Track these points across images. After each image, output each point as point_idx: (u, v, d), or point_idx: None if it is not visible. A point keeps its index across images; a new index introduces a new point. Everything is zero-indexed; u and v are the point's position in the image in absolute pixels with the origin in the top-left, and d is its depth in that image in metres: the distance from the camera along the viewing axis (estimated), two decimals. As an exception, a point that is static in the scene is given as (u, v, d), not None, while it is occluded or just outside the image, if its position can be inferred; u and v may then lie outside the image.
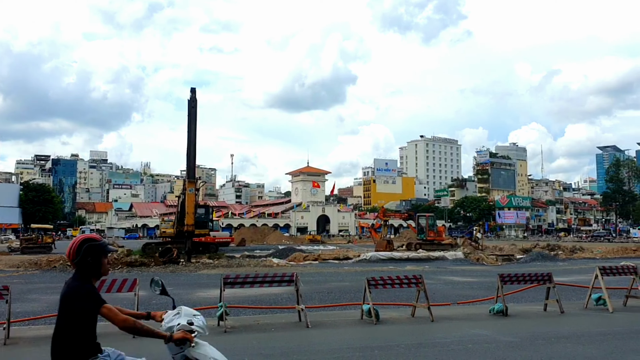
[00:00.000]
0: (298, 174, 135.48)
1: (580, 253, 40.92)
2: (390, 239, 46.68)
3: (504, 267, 29.06)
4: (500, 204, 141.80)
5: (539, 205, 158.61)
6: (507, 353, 7.89)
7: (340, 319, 11.22)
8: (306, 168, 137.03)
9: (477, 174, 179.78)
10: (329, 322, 10.86)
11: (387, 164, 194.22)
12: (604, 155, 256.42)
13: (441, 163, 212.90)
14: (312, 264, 31.22)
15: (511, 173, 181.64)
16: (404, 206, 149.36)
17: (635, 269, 13.03)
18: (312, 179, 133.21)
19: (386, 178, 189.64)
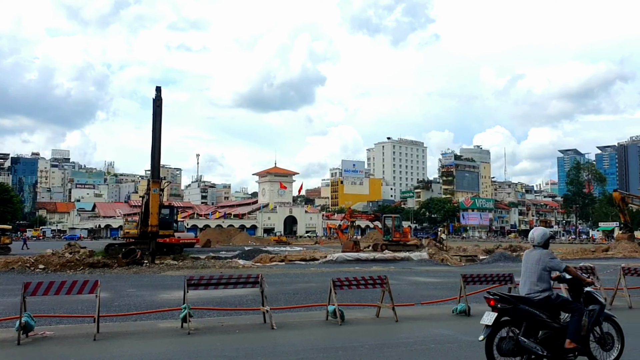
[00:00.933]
0: (265, 174, 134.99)
1: (541, 254, 41.81)
2: (356, 239, 46.95)
3: (467, 268, 29.51)
4: (465, 205, 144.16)
5: (502, 207, 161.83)
6: (469, 353, 8.00)
7: (305, 320, 11.21)
8: (273, 169, 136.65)
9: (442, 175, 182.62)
10: (294, 323, 10.84)
11: (355, 166, 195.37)
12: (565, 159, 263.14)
13: (407, 165, 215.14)
14: (278, 265, 31.12)
15: (475, 175, 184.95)
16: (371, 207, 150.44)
17: (593, 269, 13.37)
18: (280, 179, 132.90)
19: (354, 179, 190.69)
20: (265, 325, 10.35)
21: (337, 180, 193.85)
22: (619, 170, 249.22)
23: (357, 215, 55.14)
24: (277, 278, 22.48)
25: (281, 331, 9.85)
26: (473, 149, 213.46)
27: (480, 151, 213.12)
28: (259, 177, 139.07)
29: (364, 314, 11.99)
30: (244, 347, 8.54)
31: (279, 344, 8.77)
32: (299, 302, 14.49)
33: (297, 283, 20.25)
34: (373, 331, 10.07)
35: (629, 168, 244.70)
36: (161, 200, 32.92)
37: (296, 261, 33.17)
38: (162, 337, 9.58)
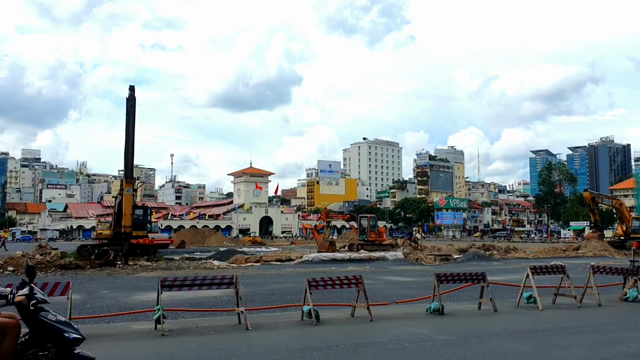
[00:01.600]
0: (240, 174, 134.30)
1: (514, 253, 42.43)
2: (332, 240, 47.03)
3: (441, 267, 29.80)
4: (439, 205, 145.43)
5: (476, 206, 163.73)
6: (442, 351, 8.10)
7: (280, 321, 11.21)
8: (249, 169, 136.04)
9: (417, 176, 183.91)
10: (269, 324, 10.83)
11: (331, 166, 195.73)
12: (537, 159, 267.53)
13: (383, 165, 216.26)
14: (254, 266, 30.99)
15: (449, 175, 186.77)
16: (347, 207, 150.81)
17: (564, 268, 13.64)
18: (255, 180, 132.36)
19: (330, 179, 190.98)
20: (240, 326, 10.31)
21: (313, 180, 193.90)
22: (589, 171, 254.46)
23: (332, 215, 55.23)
24: (253, 279, 22.40)
25: (256, 332, 9.83)
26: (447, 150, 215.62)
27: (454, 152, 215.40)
28: (234, 177, 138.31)
29: (339, 313, 12.03)
30: (218, 349, 8.50)
31: (254, 345, 8.76)
32: (275, 302, 14.47)
33: (273, 284, 20.21)
34: (348, 331, 10.12)
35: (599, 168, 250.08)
36: (134, 201, 32.54)
37: (272, 262, 33.07)
38: (135, 339, 9.49)
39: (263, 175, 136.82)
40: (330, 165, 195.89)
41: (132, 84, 32.84)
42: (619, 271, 14.32)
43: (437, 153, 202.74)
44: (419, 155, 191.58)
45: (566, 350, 8.12)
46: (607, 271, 14.40)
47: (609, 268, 14.66)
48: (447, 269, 22.91)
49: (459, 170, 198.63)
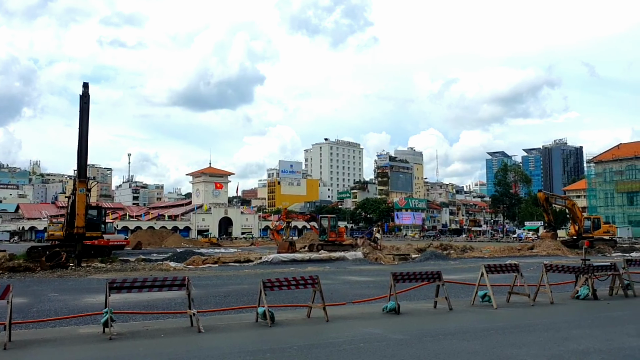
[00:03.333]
0: (200, 174, 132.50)
1: (470, 252, 43.11)
2: (292, 240, 46.80)
3: (400, 266, 30.01)
4: (399, 205, 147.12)
5: (434, 207, 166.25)
6: (397, 351, 8.03)
7: (234, 323, 10.97)
8: (208, 169, 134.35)
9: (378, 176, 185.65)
10: (223, 326, 10.58)
11: (292, 166, 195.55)
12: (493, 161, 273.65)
13: (345, 166, 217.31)
14: (211, 267, 30.53)
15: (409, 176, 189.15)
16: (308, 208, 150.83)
17: (517, 266, 13.84)
18: (215, 180, 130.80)
19: (291, 180, 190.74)
20: (192, 328, 10.04)
21: (274, 180, 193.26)
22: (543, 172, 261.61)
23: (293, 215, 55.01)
24: (209, 280, 22.04)
25: (208, 334, 9.58)
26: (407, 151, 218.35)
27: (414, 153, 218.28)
28: (193, 177, 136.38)
29: (295, 314, 11.87)
30: (168, 352, 8.23)
31: (205, 348, 8.52)
32: (230, 304, 14.21)
33: (230, 285, 19.91)
34: (303, 332, 9.98)
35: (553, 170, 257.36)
36: (88, 201, 31.59)
37: (230, 263, 32.66)
38: (81, 343, 9.11)
39: (223, 176, 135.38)
40: (291, 165, 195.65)
41: (87, 81, 31.93)
42: (571, 270, 14.61)
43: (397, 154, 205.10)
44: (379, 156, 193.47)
45: (519, 348, 8.17)
46: (559, 270, 14.66)
47: (562, 267, 14.94)
48: (405, 268, 23.04)
49: (418, 171, 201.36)
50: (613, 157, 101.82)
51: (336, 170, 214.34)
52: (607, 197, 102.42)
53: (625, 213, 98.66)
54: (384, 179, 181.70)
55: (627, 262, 15.69)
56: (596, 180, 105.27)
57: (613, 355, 7.64)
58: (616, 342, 8.66)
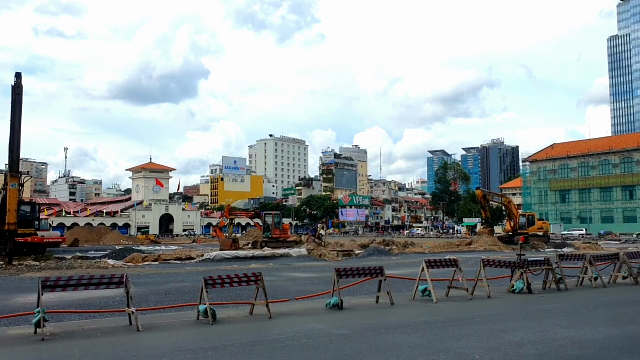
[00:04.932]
0: (140, 170, 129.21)
1: (412, 248, 44.01)
2: (235, 237, 46.32)
3: (343, 262, 30.24)
4: (343, 202, 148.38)
5: (377, 203, 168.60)
6: (339, 346, 8.06)
7: (175, 321, 10.72)
8: (149, 164, 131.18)
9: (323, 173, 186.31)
10: (163, 324, 10.32)
11: (236, 162, 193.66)
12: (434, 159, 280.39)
13: (289, 162, 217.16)
14: (151, 264, 29.84)
15: (353, 173, 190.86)
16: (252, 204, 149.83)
17: (456, 261, 14.19)
18: (156, 175, 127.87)
19: (234, 176, 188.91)
20: (131, 327, 9.75)
21: (217, 177, 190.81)
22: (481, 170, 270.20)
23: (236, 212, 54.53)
24: (149, 278, 21.53)
25: (148, 333, 9.33)
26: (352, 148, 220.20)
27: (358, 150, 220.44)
28: (133, 172, 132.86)
29: (238, 312, 11.74)
30: (104, 352, 7.94)
31: (144, 347, 8.28)
32: (171, 302, 13.92)
33: (170, 283, 19.49)
34: (245, 329, 9.86)
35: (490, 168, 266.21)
36: (20, 196, 30.18)
37: (171, 260, 32.00)
38: (10, 344, 8.66)
39: (164, 171, 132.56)
40: (235, 161, 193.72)
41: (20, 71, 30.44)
42: (507, 264, 15.11)
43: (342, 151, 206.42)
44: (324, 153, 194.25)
45: (457, 341, 8.36)
46: (496, 264, 15.14)
47: (498, 261, 15.44)
48: (348, 264, 23.24)
49: (362, 168, 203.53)
50: (547, 157, 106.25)
51: (281, 167, 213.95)
52: (541, 194, 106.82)
53: (557, 210, 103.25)
54: (328, 175, 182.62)
55: (560, 257, 16.39)
56: (531, 178, 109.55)
57: (546, 346, 7.93)
58: (549, 333, 9.00)
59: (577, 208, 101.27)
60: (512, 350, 7.60)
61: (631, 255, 17.95)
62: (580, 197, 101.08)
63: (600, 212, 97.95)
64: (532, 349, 7.75)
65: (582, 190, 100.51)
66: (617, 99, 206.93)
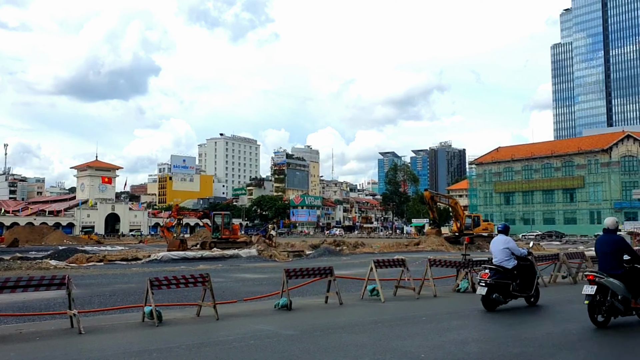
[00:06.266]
0: (85, 168, 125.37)
1: (362, 248, 44.47)
2: (183, 238, 45.65)
3: (293, 263, 30.23)
4: (294, 203, 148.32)
5: (329, 204, 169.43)
6: (287, 346, 8.05)
7: (119, 323, 10.46)
8: (95, 162, 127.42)
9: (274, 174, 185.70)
10: (107, 326, 10.05)
11: (185, 161, 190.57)
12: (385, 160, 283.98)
13: (240, 162, 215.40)
14: (96, 265, 29.05)
15: (305, 174, 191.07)
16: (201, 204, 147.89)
17: (404, 261, 14.41)
18: (102, 174, 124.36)
19: (183, 175, 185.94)
20: (72, 330, 9.45)
21: (165, 176, 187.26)
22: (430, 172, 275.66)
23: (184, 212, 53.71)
24: (94, 279, 20.96)
25: (90, 336, 9.06)
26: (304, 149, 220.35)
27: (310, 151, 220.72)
28: (78, 171, 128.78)
29: (185, 313, 11.56)
30: (43, 356, 7.67)
31: (86, 350, 8.03)
32: (115, 303, 13.58)
33: (115, 284, 19.02)
34: (192, 331, 9.72)
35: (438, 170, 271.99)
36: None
37: (117, 261, 31.24)
38: (-59, 351, 8.24)
39: (110, 169, 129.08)
40: (184, 160, 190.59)
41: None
42: (453, 264, 15.46)
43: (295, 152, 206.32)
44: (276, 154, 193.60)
45: (404, 340, 8.48)
46: (442, 264, 15.47)
47: (444, 261, 15.78)
48: (298, 265, 23.23)
49: (314, 169, 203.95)
50: (492, 160, 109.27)
51: (232, 167, 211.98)
52: (487, 196, 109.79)
53: (502, 212, 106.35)
54: (280, 176, 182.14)
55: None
56: (477, 180, 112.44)
57: (489, 344, 8.15)
58: (492, 331, 9.26)
59: (520, 210, 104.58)
60: (456, 349, 7.77)
61: (570, 256, 18.67)
62: (523, 199, 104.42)
63: (543, 214, 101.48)
64: (476, 347, 7.95)
65: (525, 192, 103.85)
66: (560, 104, 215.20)
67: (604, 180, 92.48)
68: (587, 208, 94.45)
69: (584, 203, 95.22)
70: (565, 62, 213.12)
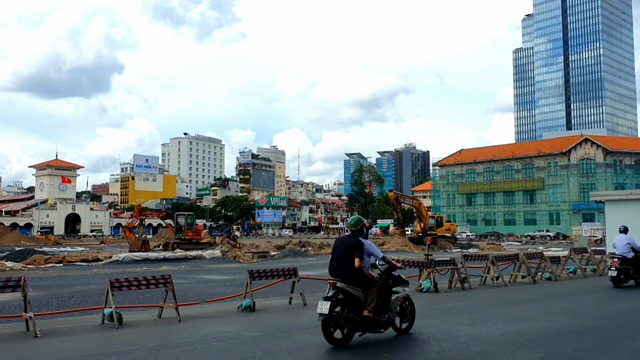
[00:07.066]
0: (45, 167, 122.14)
1: (328, 249, 44.50)
2: (145, 238, 44.92)
3: (257, 264, 30.10)
4: (260, 203, 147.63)
5: (295, 205, 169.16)
6: (250, 348, 8.01)
7: (78, 326, 10.23)
8: (55, 161, 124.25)
9: (240, 174, 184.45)
10: (65, 329, 9.81)
11: (148, 161, 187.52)
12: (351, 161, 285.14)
13: (205, 162, 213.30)
14: (55, 267, 28.33)
15: (271, 174, 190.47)
16: (165, 205, 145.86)
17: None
18: (62, 173, 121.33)
19: (146, 175, 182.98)
20: (28, 333, 9.20)
21: (127, 175, 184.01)
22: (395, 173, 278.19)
23: (147, 213, 52.92)
24: (52, 281, 20.45)
25: (47, 339, 8.83)
26: (270, 149, 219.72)
27: (276, 151, 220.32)
28: (37, 170, 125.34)
29: (146, 315, 11.38)
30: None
31: (42, 353, 7.83)
32: (74, 306, 13.26)
33: (75, 286, 18.60)
34: (153, 333, 9.58)
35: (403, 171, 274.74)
36: None
37: (77, 262, 30.55)
38: None
39: (71, 169, 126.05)
40: (147, 160, 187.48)
41: None
42: (416, 264, 15.64)
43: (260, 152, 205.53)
44: (241, 154, 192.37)
45: (366, 340, 8.53)
46: (405, 264, 15.60)
47: (408, 261, 15.93)
48: (262, 266, 23.11)
49: (280, 169, 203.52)
50: (455, 162, 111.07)
51: (196, 167, 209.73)
52: (449, 197, 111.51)
53: (464, 213, 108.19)
54: (245, 176, 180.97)
55: (465, 257, 17.18)
56: (440, 182, 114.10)
57: (449, 343, 8.27)
58: (453, 330, 9.39)
59: (482, 211, 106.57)
60: (417, 348, 7.87)
61: (530, 256, 19.11)
62: (485, 200, 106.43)
63: (504, 214, 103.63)
64: (437, 346, 8.05)
65: (487, 194, 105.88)
66: (521, 108, 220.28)
67: (562, 182, 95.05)
68: (547, 209, 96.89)
69: (543, 204, 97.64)
70: (527, 67, 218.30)
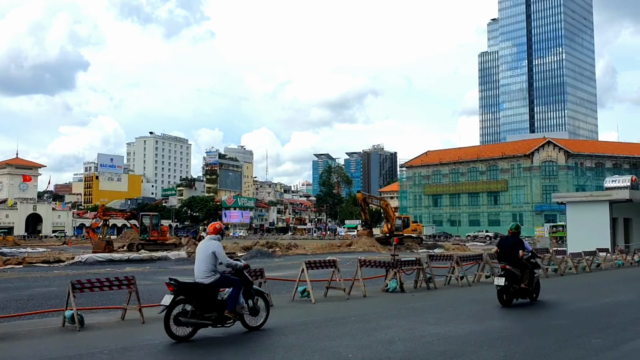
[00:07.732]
0: (4, 166, 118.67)
1: (295, 249, 44.52)
2: (109, 239, 44.14)
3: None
4: (227, 204, 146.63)
5: (262, 205, 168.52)
6: (214, 348, 7.94)
7: (38, 328, 9.98)
8: (15, 160, 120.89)
9: (206, 174, 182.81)
10: (23, 332, 9.55)
11: (113, 160, 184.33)
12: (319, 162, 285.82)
13: (171, 162, 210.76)
14: (14, 268, 27.57)
15: (238, 175, 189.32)
16: (129, 205, 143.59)
17: (335, 262, 14.52)
18: (23, 172, 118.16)
19: (111, 175, 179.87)
20: (-16, 337, 8.91)
21: (91, 175, 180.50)
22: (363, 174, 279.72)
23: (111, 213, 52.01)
24: (11, 283, 19.93)
25: (4, 343, 8.58)
26: (237, 149, 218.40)
27: (244, 151, 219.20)
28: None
29: (109, 317, 11.18)
30: (-49, 366, 7.20)
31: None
32: (34, 308, 12.96)
33: (35, 288, 18.14)
34: (116, 335, 9.41)
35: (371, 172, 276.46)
36: None
37: (37, 264, 29.80)
38: None
39: (32, 168, 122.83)
40: (112, 159, 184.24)
41: None
42: (382, 264, 15.74)
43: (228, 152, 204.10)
44: (208, 154, 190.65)
45: (332, 340, 8.55)
46: (372, 265, 15.71)
47: (374, 262, 16.03)
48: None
49: (248, 169, 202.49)
50: (422, 163, 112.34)
51: (161, 166, 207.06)
52: (416, 198, 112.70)
53: (430, 213, 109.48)
54: (212, 176, 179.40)
55: (430, 258, 17.38)
56: (407, 183, 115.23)
57: (414, 343, 8.35)
58: (418, 330, 9.49)
59: (448, 212, 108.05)
60: (382, 348, 7.92)
61: (494, 256, 19.42)
62: (450, 201, 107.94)
63: (469, 215, 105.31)
64: (402, 346, 8.12)
65: (452, 195, 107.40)
66: (486, 111, 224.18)
67: (525, 184, 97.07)
68: (510, 210, 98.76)
69: (507, 206, 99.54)
70: (492, 70, 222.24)
